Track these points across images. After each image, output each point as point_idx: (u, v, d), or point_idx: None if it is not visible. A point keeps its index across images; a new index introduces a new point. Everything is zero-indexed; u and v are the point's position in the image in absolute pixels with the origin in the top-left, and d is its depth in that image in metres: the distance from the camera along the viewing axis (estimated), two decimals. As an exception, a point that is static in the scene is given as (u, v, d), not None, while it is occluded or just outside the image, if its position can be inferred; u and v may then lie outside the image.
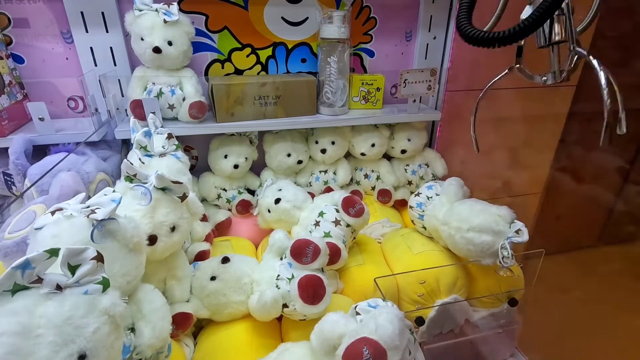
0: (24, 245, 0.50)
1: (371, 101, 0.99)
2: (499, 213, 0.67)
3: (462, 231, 0.67)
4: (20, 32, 0.80)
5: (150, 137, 0.72)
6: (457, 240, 0.68)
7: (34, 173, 0.64)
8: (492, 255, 0.66)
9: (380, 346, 0.40)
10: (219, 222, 0.90)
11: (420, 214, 0.80)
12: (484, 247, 0.65)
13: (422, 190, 0.83)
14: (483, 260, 0.67)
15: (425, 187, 0.83)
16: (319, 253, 0.60)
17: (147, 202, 0.52)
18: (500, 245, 0.64)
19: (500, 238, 0.65)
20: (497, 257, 0.65)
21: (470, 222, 0.66)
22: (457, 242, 0.68)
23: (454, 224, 0.69)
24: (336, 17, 0.86)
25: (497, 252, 0.65)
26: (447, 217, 0.71)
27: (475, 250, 0.66)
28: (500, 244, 0.64)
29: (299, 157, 0.97)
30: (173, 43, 0.78)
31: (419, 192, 0.83)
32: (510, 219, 0.67)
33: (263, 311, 0.58)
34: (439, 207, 0.75)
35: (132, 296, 0.48)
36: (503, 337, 0.74)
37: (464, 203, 0.72)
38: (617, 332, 1.11)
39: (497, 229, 0.65)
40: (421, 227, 0.82)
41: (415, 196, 0.83)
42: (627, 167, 1.44)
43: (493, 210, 0.68)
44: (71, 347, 0.32)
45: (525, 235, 0.65)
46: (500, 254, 0.64)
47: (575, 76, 1.14)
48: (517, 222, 0.67)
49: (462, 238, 0.67)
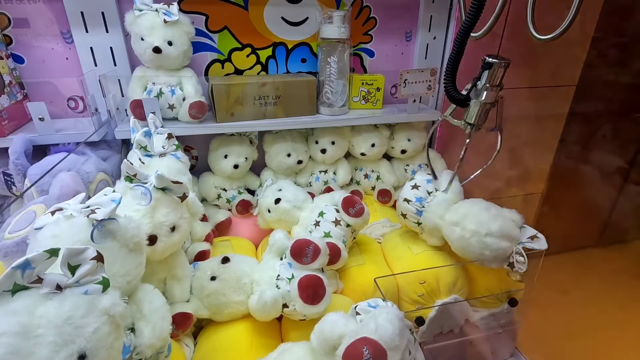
0: (24, 245, 0.50)
1: (371, 101, 0.99)
2: (512, 217, 0.66)
3: (479, 235, 0.64)
4: (20, 32, 0.80)
5: (150, 137, 0.72)
6: (471, 243, 0.65)
7: (34, 173, 0.64)
8: (503, 260, 0.65)
9: (380, 346, 0.40)
10: (219, 222, 0.90)
11: (418, 209, 0.74)
12: (499, 252, 0.64)
13: (420, 183, 0.76)
14: (490, 264, 0.66)
15: (425, 180, 0.76)
16: (319, 253, 0.60)
17: (147, 202, 0.52)
18: (515, 250, 0.63)
19: (513, 243, 0.64)
20: (506, 261, 0.64)
21: (489, 227, 0.64)
22: (471, 245, 0.65)
23: (469, 227, 0.65)
24: (336, 17, 0.86)
25: (508, 257, 0.64)
26: (460, 218, 0.67)
27: (490, 255, 0.64)
28: (515, 249, 0.63)
29: (299, 157, 0.97)
30: (173, 43, 0.78)
31: (417, 185, 0.76)
32: (520, 223, 0.66)
33: (263, 311, 0.58)
34: (444, 205, 0.71)
35: (132, 296, 0.48)
36: (503, 337, 0.74)
37: (472, 203, 0.69)
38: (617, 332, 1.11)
39: (513, 234, 0.64)
40: (414, 223, 0.76)
41: (413, 188, 0.76)
42: (627, 167, 1.44)
43: (507, 214, 0.67)
44: (71, 347, 0.32)
45: (543, 242, 0.64)
46: (513, 258, 0.63)
47: (575, 76, 1.14)
48: (528, 227, 0.66)
49: (480, 242, 0.64)
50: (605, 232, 1.56)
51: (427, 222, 0.73)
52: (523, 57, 1.11)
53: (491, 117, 0.66)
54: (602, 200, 1.52)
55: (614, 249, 1.56)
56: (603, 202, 1.53)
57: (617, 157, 1.43)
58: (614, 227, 1.54)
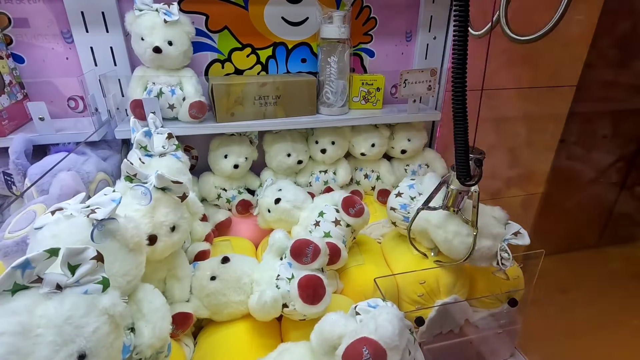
0: (24, 245, 0.50)
1: (371, 101, 0.99)
2: (493, 214, 0.66)
3: (461, 236, 0.64)
4: (20, 31, 0.80)
5: (150, 137, 0.72)
6: (455, 244, 0.65)
7: (34, 173, 0.64)
8: (490, 259, 0.65)
9: (380, 346, 0.40)
10: (219, 222, 0.90)
11: (405, 216, 0.75)
12: (483, 251, 0.64)
13: (403, 190, 0.77)
14: (479, 263, 0.66)
15: (407, 187, 0.77)
16: (318, 253, 0.60)
17: (147, 202, 0.52)
18: (499, 247, 0.64)
19: (497, 241, 0.64)
20: (494, 259, 0.64)
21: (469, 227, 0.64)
22: (455, 247, 0.66)
23: (451, 228, 0.66)
24: (336, 17, 0.86)
25: (494, 255, 0.64)
26: (443, 219, 0.67)
27: (474, 255, 0.64)
28: (499, 246, 0.64)
29: (299, 157, 0.97)
30: (173, 43, 0.78)
31: (400, 192, 0.77)
32: (505, 220, 0.66)
33: (263, 311, 0.58)
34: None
35: (132, 296, 0.48)
36: (503, 337, 0.74)
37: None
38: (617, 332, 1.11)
39: (495, 232, 0.64)
40: (404, 230, 0.76)
41: (397, 197, 0.78)
42: (626, 167, 1.44)
43: (487, 211, 0.67)
44: (71, 346, 0.32)
45: (526, 238, 0.64)
46: (499, 256, 0.63)
47: (575, 76, 1.14)
48: (512, 223, 0.66)
49: (463, 243, 0.65)
50: (605, 232, 1.56)
51: (415, 227, 0.73)
52: (523, 57, 1.11)
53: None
54: (602, 200, 1.53)
55: (614, 249, 1.56)
56: (603, 202, 1.53)
57: (617, 157, 1.43)
58: (614, 227, 1.54)
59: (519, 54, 1.07)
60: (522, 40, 0.54)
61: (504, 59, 1.07)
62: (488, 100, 1.11)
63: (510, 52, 1.05)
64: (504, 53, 1.05)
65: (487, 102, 1.10)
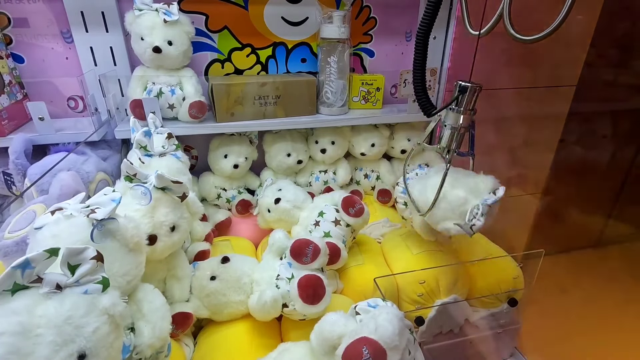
0: (23, 244, 0.50)
1: (371, 101, 0.99)
2: (481, 180, 0.62)
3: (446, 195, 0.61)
4: (20, 31, 0.80)
5: (150, 137, 0.72)
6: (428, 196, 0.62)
7: (34, 173, 0.64)
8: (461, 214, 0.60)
9: (380, 346, 0.40)
10: (219, 222, 0.90)
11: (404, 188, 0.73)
12: (452, 200, 0.60)
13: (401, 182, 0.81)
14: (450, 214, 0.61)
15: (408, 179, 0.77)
16: (318, 253, 0.60)
17: (147, 202, 0.52)
18: (474, 206, 0.59)
19: (475, 198, 0.60)
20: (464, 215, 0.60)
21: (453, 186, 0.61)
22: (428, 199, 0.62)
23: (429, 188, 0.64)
24: (336, 17, 0.86)
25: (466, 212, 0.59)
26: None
27: (445, 207, 0.61)
28: (474, 205, 0.59)
29: (299, 157, 0.97)
30: (173, 43, 0.78)
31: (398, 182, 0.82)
32: (493, 187, 0.61)
33: (263, 311, 0.58)
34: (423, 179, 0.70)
35: (132, 296, 0.48)
36: (503, 337, 0.74)
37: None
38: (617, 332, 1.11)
39: (473, 186, 0.61)
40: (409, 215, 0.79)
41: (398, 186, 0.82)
42: (626, 167, 1.44)
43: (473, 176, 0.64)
44: (71, 346, 0.32)
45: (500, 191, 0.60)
46: (469, 214, 0.59)
47: (575, 76, 1.14)
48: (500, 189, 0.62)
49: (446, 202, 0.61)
50: (605, 232, 1.56)
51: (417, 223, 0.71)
52: (523, 57, 1.11)
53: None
54: (602, 200, 1.52)
55: (614, 249, 1.56)
56: (603, 202, 1.53)
57: (617, 157, 1.43)
58: (613, 227, 1.54)
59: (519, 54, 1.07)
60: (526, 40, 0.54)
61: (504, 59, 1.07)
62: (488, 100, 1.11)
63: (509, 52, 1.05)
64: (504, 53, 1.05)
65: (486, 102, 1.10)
